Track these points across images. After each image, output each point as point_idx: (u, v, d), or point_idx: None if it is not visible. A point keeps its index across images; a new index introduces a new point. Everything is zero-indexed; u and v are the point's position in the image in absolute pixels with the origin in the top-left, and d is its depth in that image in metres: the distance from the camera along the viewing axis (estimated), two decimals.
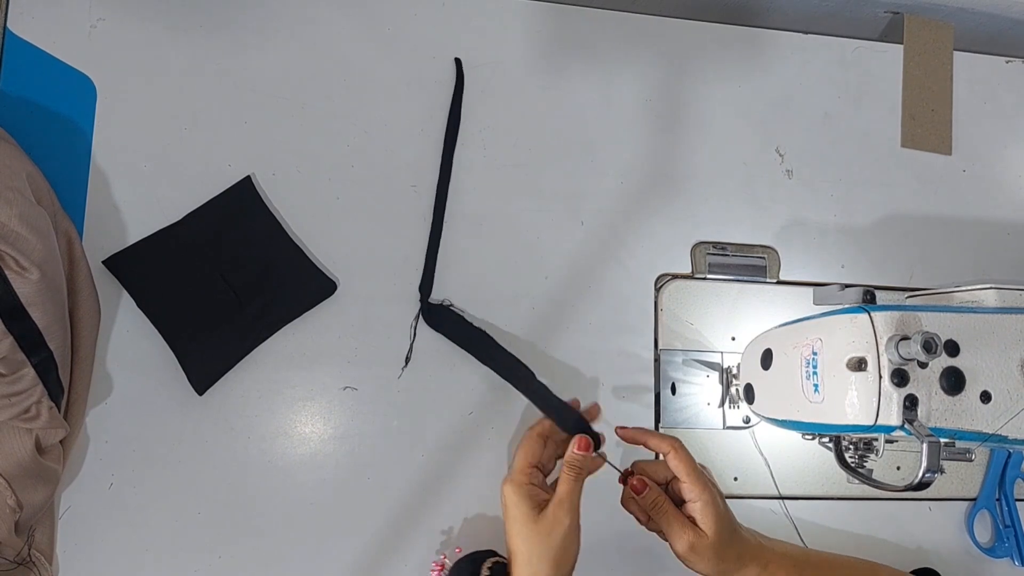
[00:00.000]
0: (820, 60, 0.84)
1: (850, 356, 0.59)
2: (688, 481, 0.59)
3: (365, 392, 0.70)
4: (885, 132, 0.84)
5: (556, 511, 0.57)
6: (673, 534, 0.58)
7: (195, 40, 0.72)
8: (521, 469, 0.59)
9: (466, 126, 0.76)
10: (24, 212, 0.57)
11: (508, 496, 0.58)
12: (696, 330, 0.77)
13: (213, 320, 0.68)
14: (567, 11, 0.80)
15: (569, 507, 0.57)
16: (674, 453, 0.59)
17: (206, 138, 0.71)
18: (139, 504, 0.66)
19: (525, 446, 0.61)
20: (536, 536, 0.56)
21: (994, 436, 0.59)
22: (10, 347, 0.56)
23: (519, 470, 0.59)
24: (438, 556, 0.68)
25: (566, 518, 0.56)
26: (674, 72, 0.81)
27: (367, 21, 0.76)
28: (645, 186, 0.78)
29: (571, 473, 0.58)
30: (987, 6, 0.91)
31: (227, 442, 0.67)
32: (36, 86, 0.69)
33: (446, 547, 0.68)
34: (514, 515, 0.57)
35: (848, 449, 0.68)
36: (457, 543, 0.69)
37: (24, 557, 0.61)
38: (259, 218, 0.70)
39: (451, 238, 0.74)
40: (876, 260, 0.82)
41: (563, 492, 0.57)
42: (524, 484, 0.58)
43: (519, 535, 0.57)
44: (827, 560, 0.64)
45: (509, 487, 0.58)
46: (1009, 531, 0.78)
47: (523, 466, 0.59)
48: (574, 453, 0.59)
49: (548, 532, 0.56)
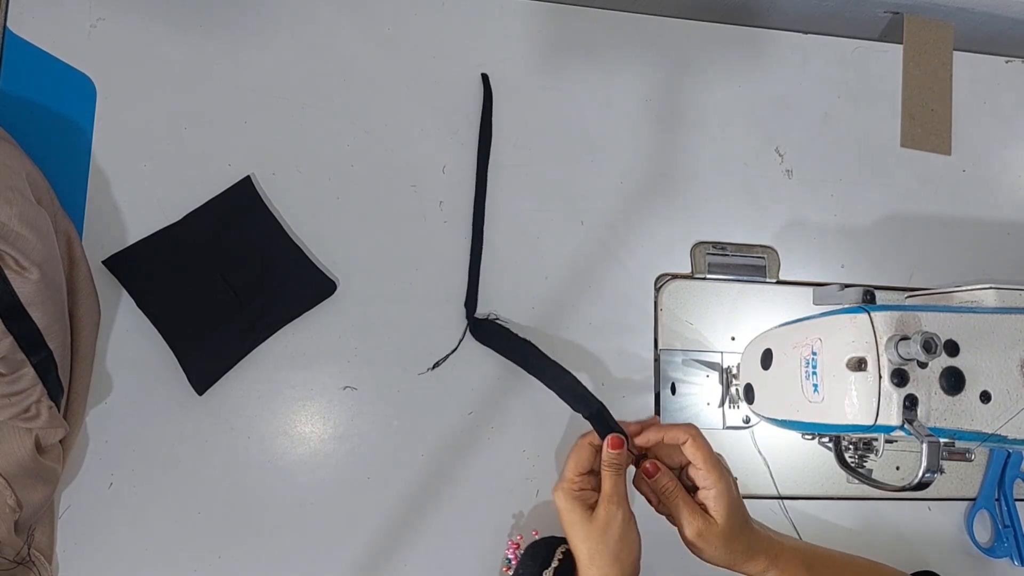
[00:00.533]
0: (820, 60, 0.84)
1: (850, 356, 0.59)
2: (704, 468, 0.59)
3: (365, 392, 0.70)
4: (885, 132, 0.84)
5: (607, 507, 0.58)
6: (683, 519, 0.59)
7: (195, 40, 0.72)
8: (570, 477, 0.61)
9: (467, 126, 0.76)
10: (24, 212, 0.57)
11: (560, 503, 0.60)
12: (696, 330, 0.77)
13: (213, 320, 0.68)
14: (567, 11, 0.80)
15: (617, 501, 0.58)
16: (692, 441, 0.60)
17: (206, 138, 0.71)
18: (139, 504, 0.66)
19: (576, 454, 0.62)
20: (594, 534, 0.57)
21: (994, 436, 0.59)
22: (10, 347, 0.56)
23: (568, 478, 0.61)
24: (514, 535, 0.69)
25: (618, 511, 0.58)
26: (674, 72, 0.81)
27: (367, 21, 0.76)
28: (645, 186, 0.78)
29: (611, 470, 0.60)
30: (987, 6, 0.91)
31: (227, 442, 0.68)
32: (36, 86, 0.69)
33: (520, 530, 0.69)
34: (569, 519, 0.59)
35: (848, 449, 0.68)
36: (458, 541, 0.69)
37: (24, 557, 0.61)
38: (259, 218, 0.70)
39: (451, 238, 0.74)
40: (876, 260, 0.82)
41: (608, 488, 0.59)
42: (574, 491, 0.60)
43: (578, 536, 0.58)
44: (836, 558, 0.64)
45: (560, 494, 0.60)
46: (1008, 531, 0.78)
47: (572, 474, 0.61)
48: (609, 452, 0.61)
49: (604, 529, 0.57)
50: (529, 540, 0.68)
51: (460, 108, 0.76)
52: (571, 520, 0.58)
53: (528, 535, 0.69)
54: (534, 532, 0.69)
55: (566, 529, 0.59)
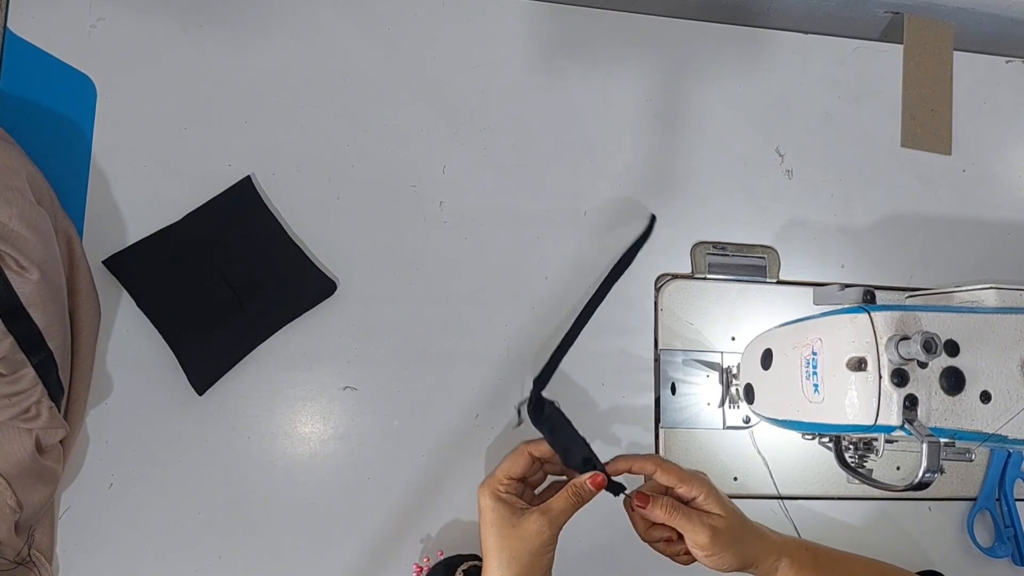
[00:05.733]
0: (820, 60, 0.84)
1: (850, 356, 0.59)
2: (684, 483, 0.59)
3: (365, 392, 0.70)
4: (885, 132, 0.84)
5: (541, 519, 0.56)
6: (691, 529, 0.57)
7: (195, 40, 0.72)
8: (500, 478, 0.59)
9: (467, 126, 0.76)
10: (24, 212, 0.57)
11: (485, 500, 0.58)
12: (696, 330, 0.77)
13: (213, 320, 0.68)
14: (567, 11, 0.80)
15: (556, 521, 0.57)
16: (659, 470, 0.60)
17: (206, 138, 0.71)
18: (139, 504, 0.66)
19: (513, 458, 0.60)
20: (513, 538, 0.56)
21: (994, 436, 0.59)
22: (10, 347, 0.56)
23: (498, 478, 0.59)
24: (421, 560, 0.68)
25: (548, 530, 0.56)
26: (674, 72, 0.81)
27: (367, 21, 0.76)
28: (645, 186, 0.78)
29: (573, 498, 0.58)
30: (987, 6, 0.91)
31: (227, 442, 0.67)
32: (36, 86, 0.69)
33: (429, 552, 0.69)
34: (491, 519, 0.57)
35: (848, 449, 0.68)
36: (451, 544, 0.69)
37: (24, 557, 0.61)
38: (259, 218, 0.70)
39: (451, 238, 0.74)
40: (876, 260, 0.82)
41: (557, 508, 0.57)
42: (500, 492, 0.59)
43: (495, 537, 0.57)
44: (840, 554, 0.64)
45: (487, 493, 0.58)
46: (1009, 531, 0.77)
47: (504, 476, 0.59)
48: (587, 485, 0.58)
49: (527, 537, 0.56)
50: (435, 560, 0.67)
51: (460, 108, 0.76)
52: (493, 520, 0.57)
53: (435, 557, 0.68)
54: (439, 552, 0.68)
55: (484, 529, 0.58)
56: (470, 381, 0.72)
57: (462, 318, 0.73)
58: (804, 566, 0.60)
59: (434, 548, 0.69)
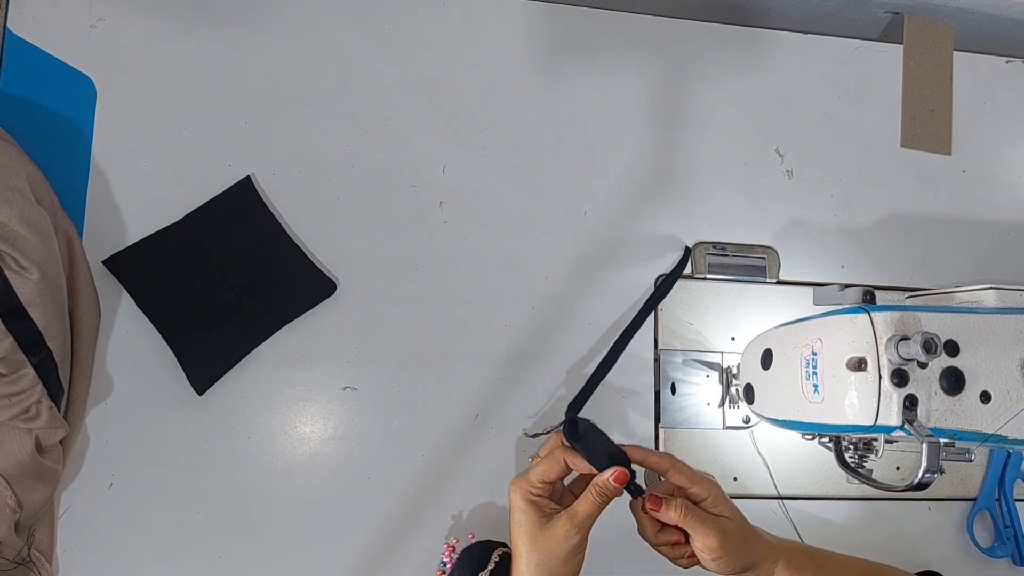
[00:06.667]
0: (820, 60, 0.84)
1: (850, 356, 0.59)
2: (694, 485, 0.58)
3: (365, 392, 0.70)
4: (885, 132, 0.84)
5: (568, 525, 0.56)
6: (705, 531, 0.57)
7: (195, 40, 0.72)
8: (534, 481, 0.58)
9: (467, 126, 0.76)
10: (24, 212, 0.57)
11: (517, 502, 0.58)
12: (696, 330, 0.77)
13: (213, 320, 0.68)
14: (567, 11, 0.80)
15: (582, 524, 0.56)
16: (672, 470, 0.59)
17: (206, 138, 0.71)
18: (139, 504, 0.66)
19: (548, 464, 0.58)
20: (542, 544, 0.56)
21: (994, 436, 0.59)
22: (10, 347, 0.56)
23: (532, 481, 0.58)
24: (450, 538, 0.68)
25: (576, 535, 0.56)
26: (674, 72, 0.81)
27: (367, 21, 0.76)
28: (645, 186, 0.78)
29: (598, 497, 0.57)
30: (987, 6, 0.91)
31: (227, 442, 0.68)
32: (36, 86, 0.69)
33: (457, 533, 0.69)
34: (521, 520, 0.57)
35: (848, 449, 0.68)
36: (460, 534, 0.69)
37: (24, 557, 0.61)
38: (259, 218, 0.70)
39: (451, 238, 0.74)
40: (876, 260, 0.82)
41: (583, 511, 0.56)
42: (532, 495, 0.58)
43: (525, 541, 0.56)
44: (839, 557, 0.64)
45: (519, 494, 0.58)
46: (1009, 531, 0.77)
47: (537, 479, 0.58)
48: (610, 482, 0.57)
49: (556, 543, 0.55)
50: (465, 543, 0.67)
51: (460, 108, 0.76)
52: (522, 521, 0.57)
53: (464, 538, 0.68)
54: (470, 535, 0.68)
55: (514, 530, 0.57)
56: (470, 381, 0.72)
57: (462, 318, 0.73)
58: (801, 569, 0.60)
59: (465, 528, 0.69)
